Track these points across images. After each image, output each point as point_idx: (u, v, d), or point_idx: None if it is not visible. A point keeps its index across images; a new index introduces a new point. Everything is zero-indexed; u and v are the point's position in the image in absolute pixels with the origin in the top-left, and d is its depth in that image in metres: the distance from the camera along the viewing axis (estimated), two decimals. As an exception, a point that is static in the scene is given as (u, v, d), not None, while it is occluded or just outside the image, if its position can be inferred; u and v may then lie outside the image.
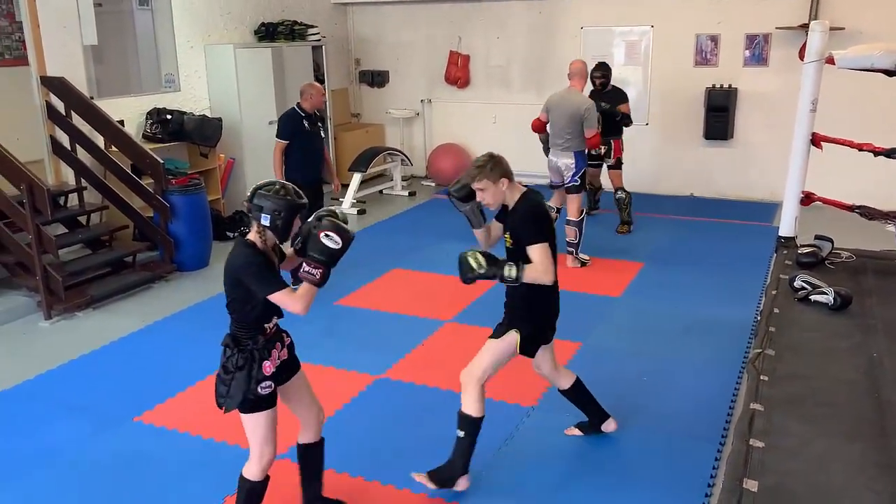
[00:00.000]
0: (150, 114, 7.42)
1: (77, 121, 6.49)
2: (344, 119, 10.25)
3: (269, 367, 2.85)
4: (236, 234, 7.62)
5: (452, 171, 9.79)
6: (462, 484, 3.39)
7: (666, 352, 4.86)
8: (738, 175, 8.83)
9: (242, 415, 2.88)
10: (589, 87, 6.91)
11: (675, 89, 8.82)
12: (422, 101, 10.21)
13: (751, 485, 2.46)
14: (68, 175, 6.69)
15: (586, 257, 6.68)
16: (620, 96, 7.38)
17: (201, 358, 4.77)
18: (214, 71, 8.13)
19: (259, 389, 2.82)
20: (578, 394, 3.80)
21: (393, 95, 10.37)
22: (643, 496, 3.40)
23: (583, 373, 4.54)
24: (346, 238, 2.79)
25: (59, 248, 5.80)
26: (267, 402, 2.87)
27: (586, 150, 6.42)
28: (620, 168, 7.55)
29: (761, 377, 3.11)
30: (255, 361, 2.81)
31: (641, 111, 8.99)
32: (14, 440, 3.96)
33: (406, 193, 9.45)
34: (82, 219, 6.61)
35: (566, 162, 6.41)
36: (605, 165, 7.56)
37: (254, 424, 2.88)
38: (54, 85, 6.37)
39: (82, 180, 6.59)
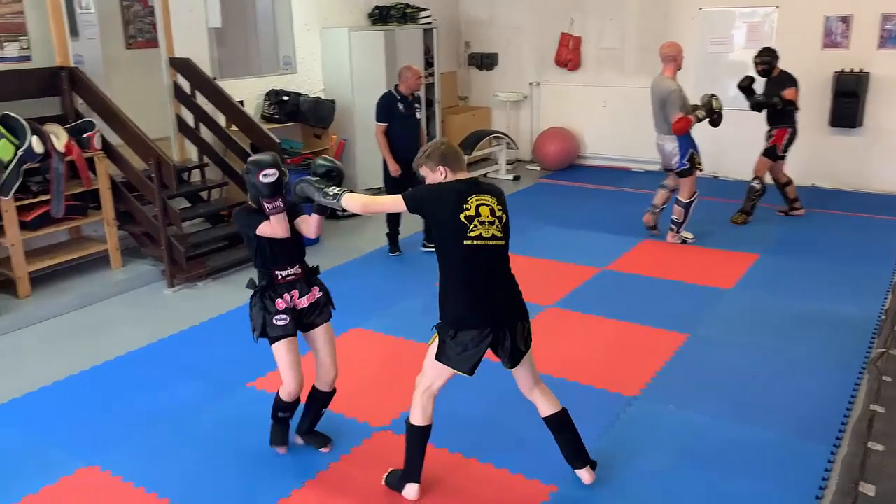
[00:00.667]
0: (268, 95, 7.71)
1: (201, 100, 6.82)
2: (451, 102, 10.30)
3: (280, 303, 3.36)
4: (344, 211, 7.84)
5: (559, 156, 9.71)
6: (409, 492, 3.26)
7: (779, 347, 4.66)
8: (865, 165, 8.31)
9: (271, 347, 3.41)
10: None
11: (800, 74, 8.30)
12: (530, 84, 10.14)
13: (867, 489, 2.35)
14: (192, 152, 7.06)
15: (689, 235, 6.66)
16: (787, 82, 6.92)
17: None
18: (329, 54, 8.35)
19: (274, 321, 3.35)
20: (560, 429, 3.34)
21: (501, 78, 10.34)
22: (749, 494, 3.28)
23: (689, 365, 4.46)
24: (280, 170, 3.22)
25: (182, 221, 6.14)
26: (283, 333, 3.36)
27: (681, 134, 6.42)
28: (772, 158, 7.11)
29: (883, 378, 2.95)
30: (266, 300, 3.36)
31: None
32: (138, 398, 4.24)
33: (510, 177, 9.43)
34: (203, 194, 6.97)
35: (670, 146, 6.50)
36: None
37: (276, 355, 3.43)
38: (181, 66, 6.72)
39: (205, 157, 6.94)
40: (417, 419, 3.21)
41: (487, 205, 3.01)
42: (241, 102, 7.22)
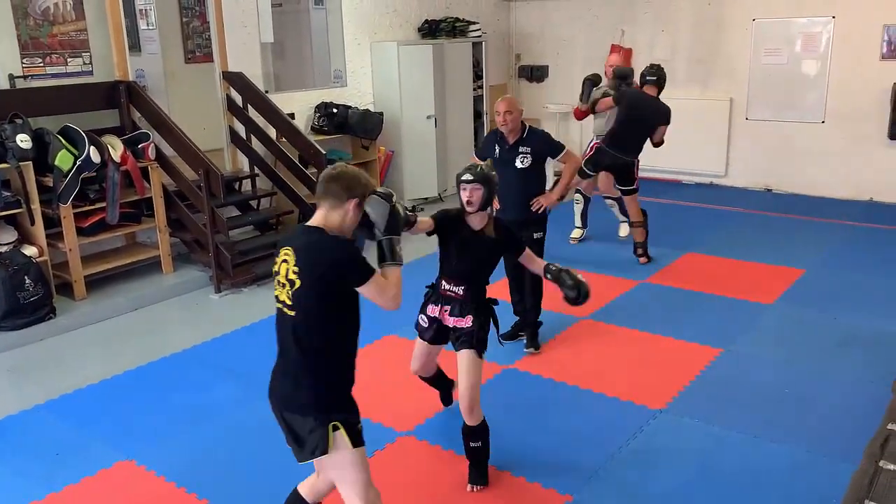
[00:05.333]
0: (318, 107, 7.93)
1: (252, 113, 7.06)
2: (502, 114, 10.36)
3: (431, 309, 3.57)
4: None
5: (608, 168, 9.65)
6: None
7: (816, 364, 4.56)
8: (927, 179, 8.02)
9: None
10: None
11: (857, 85, 8.14)
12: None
13: (872, 507, 2.31)
14: (243, 163, 7.31)
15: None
16: None
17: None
18: (379, 67, 8.53)
19: (419, 319, 3.65)
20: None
21: (552, 90, 10.36)
22: (766, 511, 3.25)
23: (719, 380, 4.42)
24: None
25: (230, 229, 6.37)
26: (419, 332, 3.68)
27: None
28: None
29: (904, 397, 2.88)
30: (429, 296, 3.61)
31: (817, 108, 8.41)
32: (180, 397, 4.43)
33: (559, 189, 9.42)
34: (254, 203, 7.20)
35: None
36: None
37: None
38: (234, 80, 6.98)
39: (255, 168, 7.18)
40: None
41: (287, 262, 2.58)
42: (292, 115, 7.45)
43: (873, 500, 2.32)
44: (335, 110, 7.89)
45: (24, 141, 5.25)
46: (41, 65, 5.83)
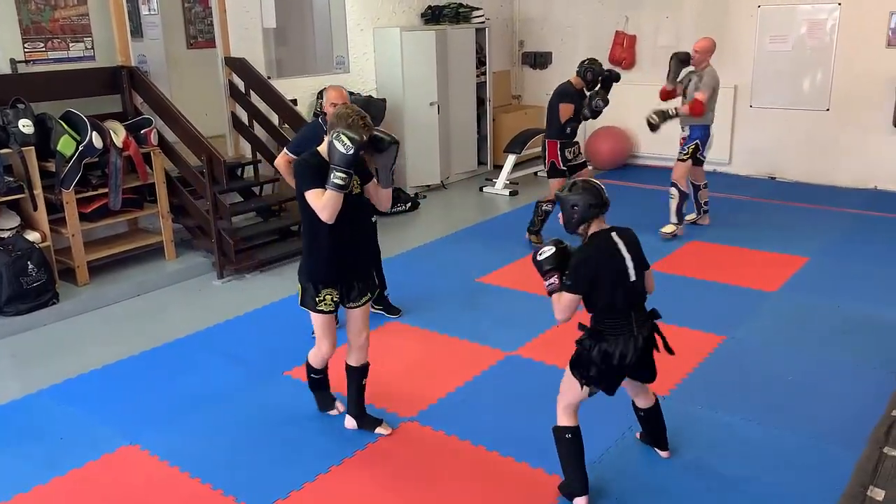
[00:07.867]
0: (320, 93, 7.89)
1: (255, 99, 7.04)
2: (504, 101, 10.34)
3: None
4: (393, 208, 7.96)
5: (611, 155, 9.63)
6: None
7: (819, 352, 4.55)
8: (931, 168, 7.99)
9: None
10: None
11: (863, 73, 8.10)
12: (584, 83, 10.06)
13: (876, 493, 2.31)
14: (246, 149, 7.29)
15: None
16: None
17: (347, 322, 5.09)
18: (381, 53, 8.49)
19: None
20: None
21: (554, 77, 10.24)
22: (767, 496, 3.24)
23: (722, 367, 4.42)
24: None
25: (233, 215, 6.36)
26: None
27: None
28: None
29: (909, 384, 2.87)
30: None
31: (822, 96, 8.37)
32: (183, 383, 4.43)
33: (562, 176, 9.39)
34: (256, 189, 7.19)
35: None
36: None
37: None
38: (236, 65, 6.95)
39: (258, 154, 7.16)
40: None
41: None
42: (295, 101, 7.42)
43: (877, 487, 2.31)
44: (338, 96, 7.84)
45: (26, 126, 5.23)
46: (43, 49, 5.80)
